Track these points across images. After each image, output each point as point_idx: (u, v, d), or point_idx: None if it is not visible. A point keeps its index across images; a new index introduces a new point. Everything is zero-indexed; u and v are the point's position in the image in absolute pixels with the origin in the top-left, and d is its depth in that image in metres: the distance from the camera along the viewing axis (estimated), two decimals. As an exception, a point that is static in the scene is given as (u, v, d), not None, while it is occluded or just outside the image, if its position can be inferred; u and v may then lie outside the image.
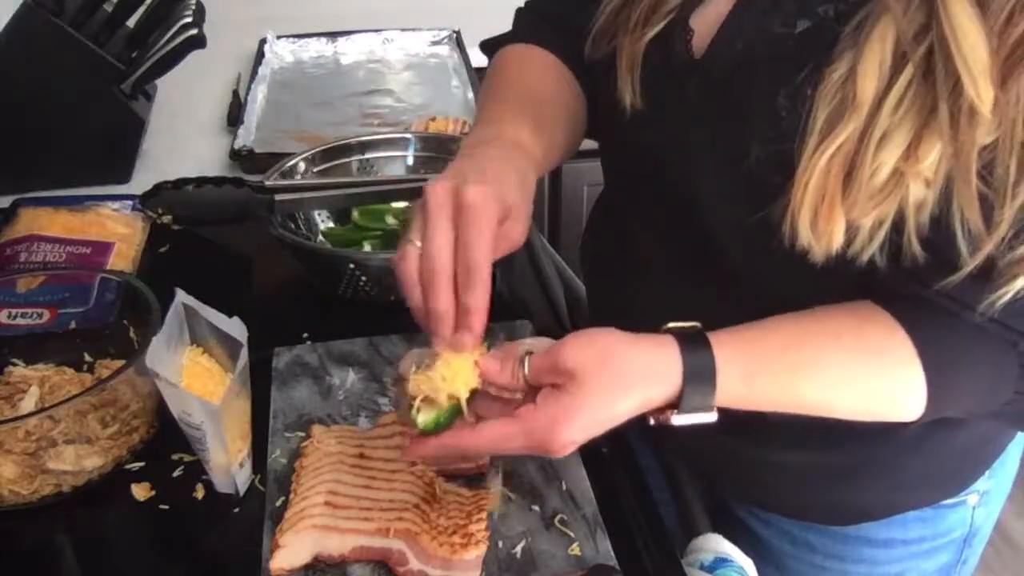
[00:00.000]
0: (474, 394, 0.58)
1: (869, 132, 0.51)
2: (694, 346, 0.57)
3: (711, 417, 0.57)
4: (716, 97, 0.61)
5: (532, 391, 0.57)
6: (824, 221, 0.53)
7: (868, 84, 0.50)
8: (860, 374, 0.58)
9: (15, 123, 1.09)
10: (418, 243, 0.57)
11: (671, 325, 0.58)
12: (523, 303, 0.92)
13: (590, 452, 0.70)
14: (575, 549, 0.62)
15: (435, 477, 0.66)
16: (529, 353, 0.57)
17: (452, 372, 0.57)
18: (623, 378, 0.56)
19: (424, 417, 0.57)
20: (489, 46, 0.80)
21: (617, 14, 0.67)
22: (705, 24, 0.63)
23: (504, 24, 0.77)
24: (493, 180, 0.58)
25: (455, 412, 0.58)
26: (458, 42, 1.53)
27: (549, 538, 0.63)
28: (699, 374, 0.56)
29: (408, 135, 1.06)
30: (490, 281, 0.55)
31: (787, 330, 0.59)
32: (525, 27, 0.80)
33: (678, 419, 0.57)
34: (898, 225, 0.53)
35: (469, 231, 0.55)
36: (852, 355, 0.58)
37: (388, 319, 0.86)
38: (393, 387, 0.76)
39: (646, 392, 0.56)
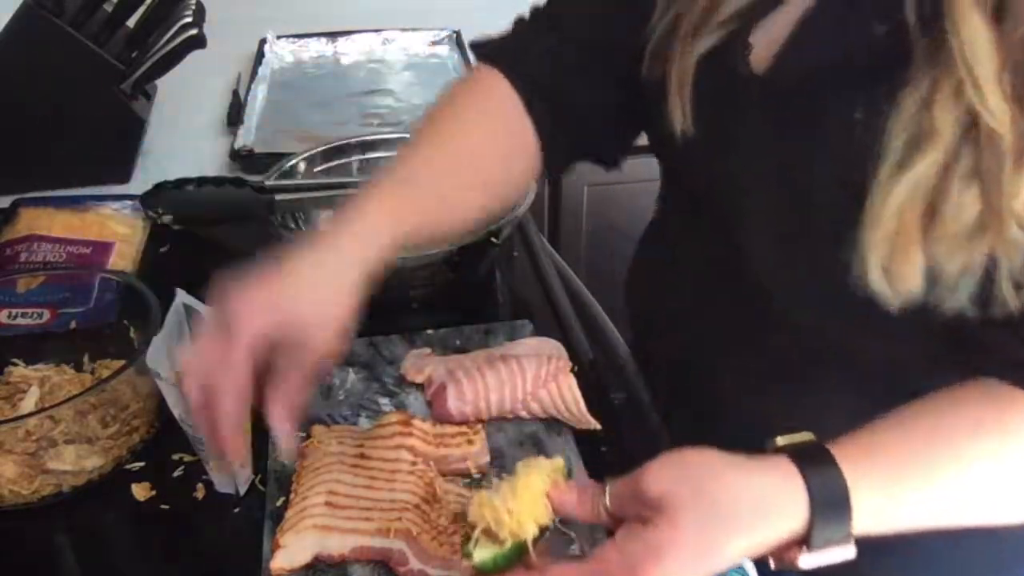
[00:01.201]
0: (544, 532, 0.52)
1: (952, 165, 0.45)
2: (817, 465, 0.47)
3: (849, 552, 0.47)
4: (779, 116, 0.56)
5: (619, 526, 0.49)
6: (899, 263, 0.47)
7: (946, 112, 0.45)
8: (1014, 469, 0.49)
9: (15, 123, 1.09)
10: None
11: (780, 442, 0.49)
12: (523, 303, 0.92)
13: (590, 452, 0.70)
14: (575, 549, 0.62)
15: (435, 477, 0.66)
16: (610, 483, 0.50)
17: (519, 505, 0.51)
18: (729, 513, 0.46)
19: (482, 554, 0.51)
20: (475, 49, 0.75)
21: (670, 31, 0.61)
22: (766, 39, 0.57)
23: (504, 24, 0.77)
24: (272, 292, 0.54)
25: (518, 551, 0.51)
26: (458, 42, 1.52)
27: (549, 538, 0.63)
28: (830, 500, 0.46)
29: (408, 135, 1.06)
30: (238, 411, 0.53)
31: (914, 426, 0.50)
32: (510, 42, 0.73)
33: (808, 559, 0.47)
34: (990, 270, 0.46)
35: (224, 358, 0.52)
36: (1000, 447, 0.49)
37: (388, 319, 0.86)
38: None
39: (765, 531, 0.46)
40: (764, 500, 0.47)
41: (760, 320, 0.61)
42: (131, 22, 1.16)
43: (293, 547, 0.61)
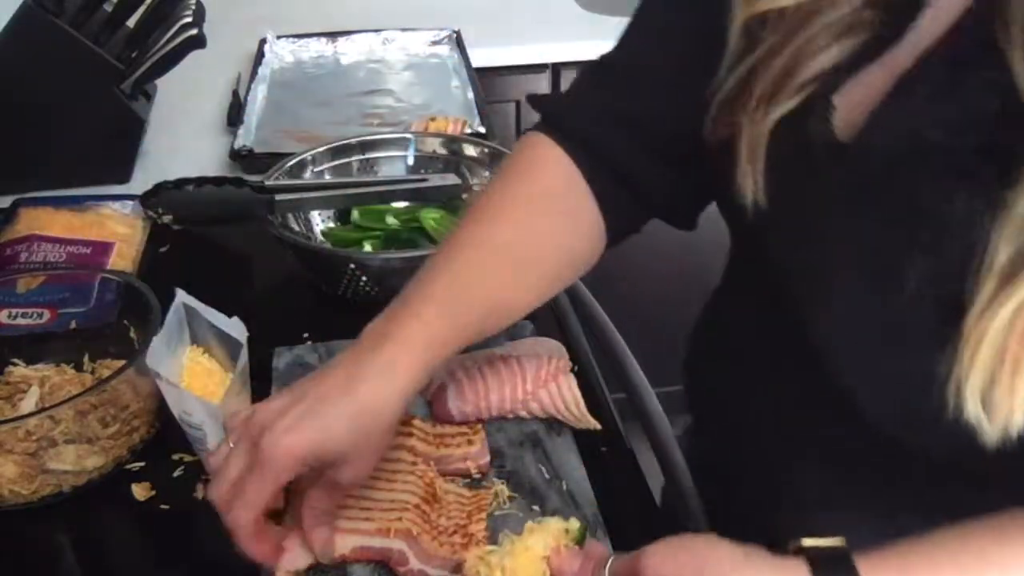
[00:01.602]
0: None
1: None
2: (833, 572, 0.43)
3: None
4: (865, 195, 0.49)
5: None
6: (1003, 392, 0.41)
7: None
8: None
9: (15, 123, 1.08)
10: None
11: (806, 543, 0.45)
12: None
13: (590, 452, 0.70)
14: (575, 549, 0.62)
15: (435, 477, 0.66)
16: (612, 555, 0.49)
17: (515, 564, 0.50)
18: None
19: None
20: (532, 104, 0.69)
21: (741, 88, 0.54)
22: (853, 100, 0.50)
23: (504, 24, 0.76)
24: (315, 428, 0.52)
25: None
26: (458, 42, 1.53)
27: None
28: None
29: (408, 135, 1.06)
30: (254, 532, 0.54)
31: (957, 551, 0.45)
32: (568, 102, 0.67)
33: None
34: None
35: (248, 484, 0.51)
36: None
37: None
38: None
39: None
40: None
41: (831, 419, 0.55)
42: (131, 22, 1.16)
43: (297, 550, 0.61)
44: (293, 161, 0.98)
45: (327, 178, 1.01)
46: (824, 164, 0.51)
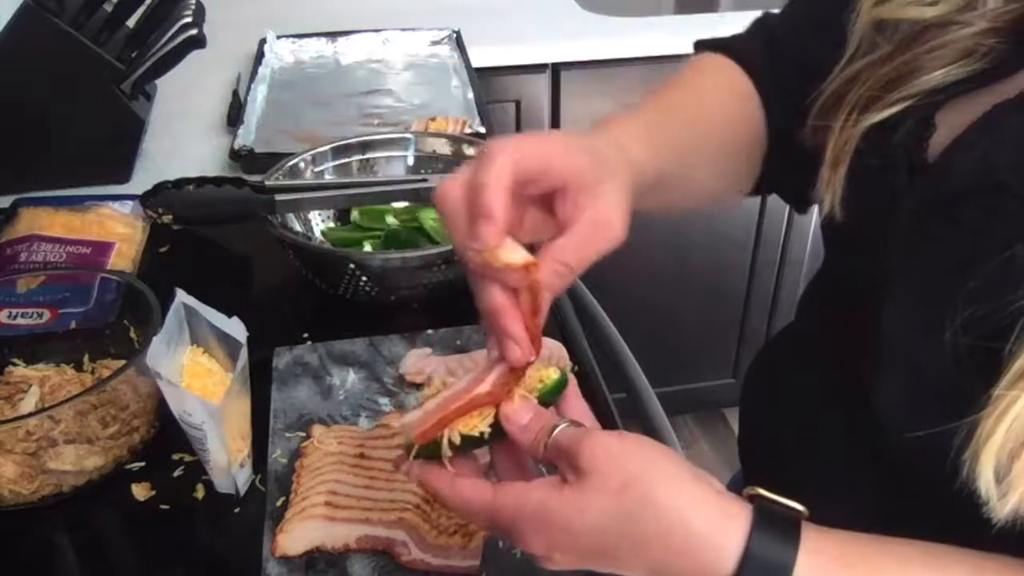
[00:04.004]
0: (480, 438, 0.48)
1: None
2: (774, 532, 0.41)
3: None
4: (938, 223, 0.46)
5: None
6: (1019, 476, 0.38)
7: None
8: None
9: (15, 123, 1.08)
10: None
11: (763, 493, 0.42)
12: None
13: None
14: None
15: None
16: (564, 423, 0.46)
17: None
18: (638, 527, 0.41)
19: (405, 438, 0.49)
20: (700, 45, 0.69)
21: (842, 92, 0.52)
22: (949, 126, 0.48)
23: (504, 24, 0.76)
24: (532, 141, 0.47)
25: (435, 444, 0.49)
26: (458, 42, 1.52)
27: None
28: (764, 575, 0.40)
29: (408, 135, 1.06)
30: (496, 221, 0.45)
31: (922, 558, 0.43)
32: (743, 40, 0.67)
33: None
34: None
35: (474, 174, 0.45)
36: None
37: (388, 319, 0.86)
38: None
39: (666, 565, 0.41)
40: (687, 539, 0.41)
41: (875, 463, 0.53)
42: (131, 22, 1.16)
43: (296, 532, 0.61)
44: (293, 161, 0.98)
45: (327, 178, 1.01)
46: (901, 185, 0.49)
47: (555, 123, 1.66)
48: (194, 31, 1.09)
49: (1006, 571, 0.43)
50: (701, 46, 0.69)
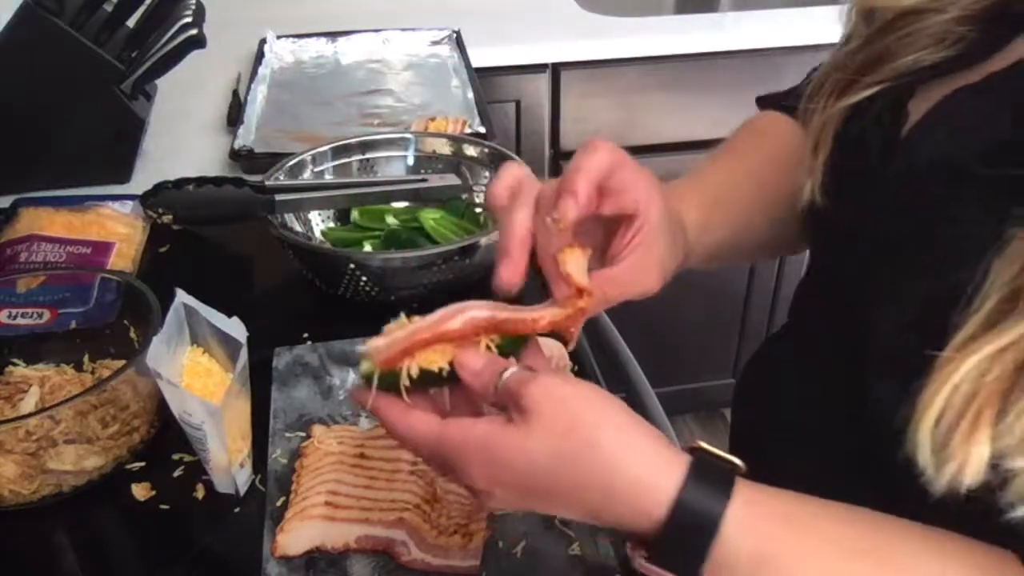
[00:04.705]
0: (439, 375, 0.48)
1: None
2: (707, 482, 0.41)
3: None
4: (905, 202, 0.48)
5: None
6: (959, 441, 0.38)
7: None
8: None
9: (15, 123, 1.09)
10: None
11: (703, 446, 0.44)
12: (523, 303, 0.92)
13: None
14: (575, 549, 0.62)
15: (435, 477, 0.66)
16: (514, 367, 0.47)
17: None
18: (580, 473, 0.42)
19: (365, 364, 0.49)
20: (761, 102, 0.73)
21: (826, 75, 0.55)
22: (920, 108, 0.50)
23: (504, 24, 0.76)
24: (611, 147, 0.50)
25: (395, 375, 0.49)
26: (458, 42, 1.52)
27: (549, 538, 0.63)
28: (691, 523, 0.40)
29: (408, 135, 1.06)
30: (579, 200, 0.47)
31: (863, 522, 0.43)
32: (795, 94, 0.68)
33: (646, 567, 0.43)
34: None
35: (576, 158, 0.48)
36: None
37: (388, 319, 0.86)
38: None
39: (604, 513, 0.42)
40: (625, 478, 0.41)
41: (873, 460, 0.52)
42: (131, 22, 1.16)
43: (296, 532, 0.61)
44: (293, 161, 0.98)
45: (327, 178, 1.01)
46: (874, 168, 0.51)
47: (555, 123, 1.66)
48: (194, 31, 1.09)
49: (948, 544, 0.42)
50: (762, 103, 0.72)
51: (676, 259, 0.54)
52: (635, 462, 0.42)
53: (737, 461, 0.43)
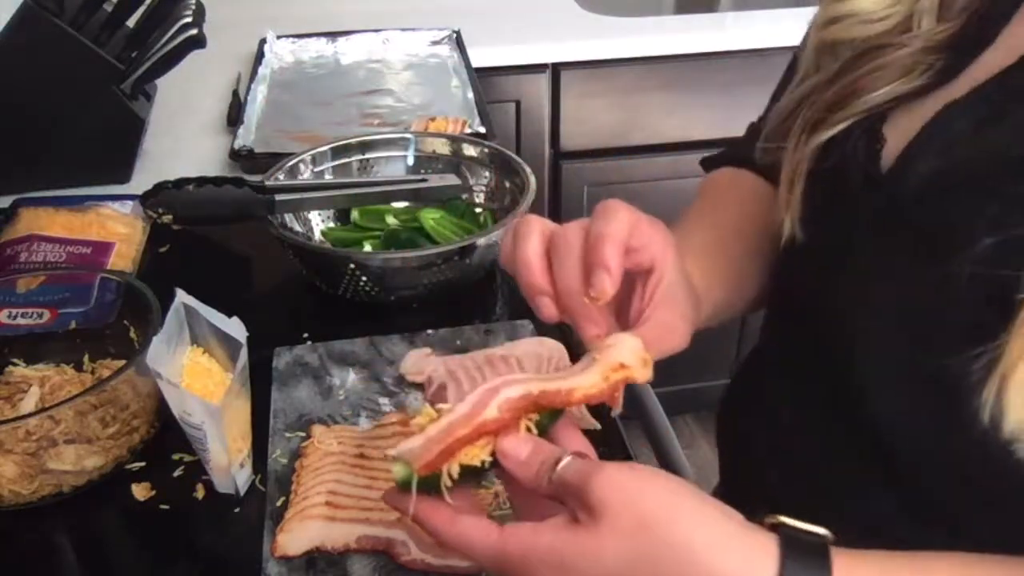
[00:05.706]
0: (481, 468, 0.45)
1: None
2: (803, 562, 0.39)
3: None
4: (899, 230, 0.48)
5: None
6: None
7: None
8: None
9: (15, 123, 1.08)
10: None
11: (785, 520, 0.41)
12: (523, 303, 0.92)
13: (590, 452, 0.70)
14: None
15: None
16: (569, 457, 0.44)
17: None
18: (659, 569, 0.39)
19: (401, 469, 0.45)
20: (707, 163, 0.74)
21: (791, 113, 0.55)
22: (897, 132, 0.50)
23: (504, 24, 0.76)
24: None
25: (435, 476, 0.45)
26: (458, 42, 1.52)
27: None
28: None
29: (408, 135, 1.06)
30: (613, 275, 0.47)
31: (955, 567, 0.42)
32: (742, 146, 0.69)
33: None
34: None
35: (597, 222, 0.47)
36: None
37: (388, 319, 0.86)
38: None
39: None
40: (711, 572, 0.39)
41: (869, 471, 0.53)
42: (131, 22, 1.16)
43: (296, 532, 0.61)
44: (293, 161, 0.98)
45: (327, 178, 1.01)
46: (861, 195, 0.50)
47: (555, 123, 1.66)
48: (194, 31, 1.09)
49: None
50: (707, 164, 0.72)
51: (697, 312, 0.54)
52: (719, 557, 0.39)
53: (824, 531, 0.41)
